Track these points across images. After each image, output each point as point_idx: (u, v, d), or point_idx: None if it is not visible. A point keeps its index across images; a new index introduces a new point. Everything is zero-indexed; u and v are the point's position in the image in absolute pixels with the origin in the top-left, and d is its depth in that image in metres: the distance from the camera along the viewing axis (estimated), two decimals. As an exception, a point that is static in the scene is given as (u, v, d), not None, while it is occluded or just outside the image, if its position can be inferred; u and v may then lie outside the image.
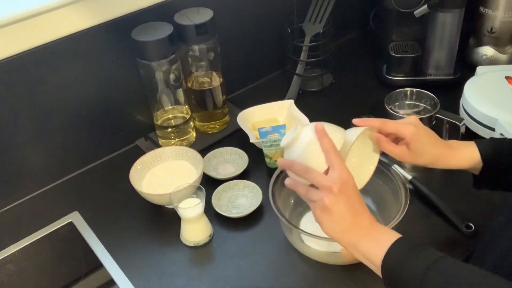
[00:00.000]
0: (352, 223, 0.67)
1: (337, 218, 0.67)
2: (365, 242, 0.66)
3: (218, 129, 1.16)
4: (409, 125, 0.76)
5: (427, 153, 0.76)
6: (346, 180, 0.67)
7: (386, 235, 0.67)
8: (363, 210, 0.68)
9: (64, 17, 0.94)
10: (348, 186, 0.67)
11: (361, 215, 0.68)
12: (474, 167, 0.77)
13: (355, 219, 0.67)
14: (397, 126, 0.76)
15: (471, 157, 0.77)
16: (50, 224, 0.96)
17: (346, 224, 0.67)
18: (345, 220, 0.67)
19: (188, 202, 0.89)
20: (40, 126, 0.99)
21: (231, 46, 1.19)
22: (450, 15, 1.15)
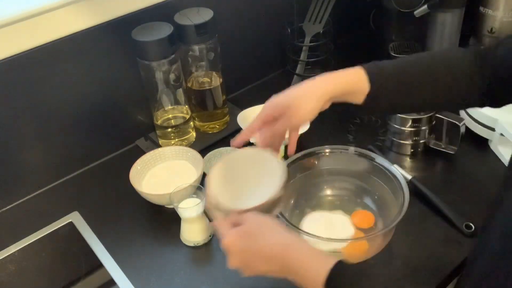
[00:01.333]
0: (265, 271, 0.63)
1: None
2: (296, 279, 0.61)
3: (218, 129, 1.16)
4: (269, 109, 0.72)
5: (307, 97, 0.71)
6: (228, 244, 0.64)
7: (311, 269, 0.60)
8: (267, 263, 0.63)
9: (64, 17, 0.94)
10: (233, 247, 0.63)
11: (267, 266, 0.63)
12: (360, 89, 0.73)
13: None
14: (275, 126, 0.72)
15: (357, 76, 0.73)
16: (50, 224, 0.96)
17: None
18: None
19: (188, 202, 0.89)
20: (40, 126, 0.99)
21: (231, 46, 1.19)
22: (450, 15, 1.15)
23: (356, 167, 0.93)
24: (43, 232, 0.95)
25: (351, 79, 0.74)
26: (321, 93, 0.72)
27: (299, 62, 1.25)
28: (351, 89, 0.73)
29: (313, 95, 0.72)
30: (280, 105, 0.72)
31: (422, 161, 1.04)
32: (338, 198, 0.96)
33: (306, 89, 0.73)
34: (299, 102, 0.71)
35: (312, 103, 0.71)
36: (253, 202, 0.69)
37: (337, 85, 0.73)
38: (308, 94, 0.72)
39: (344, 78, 0.74)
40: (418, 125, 1.01)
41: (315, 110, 0.72)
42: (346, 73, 0.74)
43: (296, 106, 0.71)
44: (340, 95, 0.74)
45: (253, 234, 0.62)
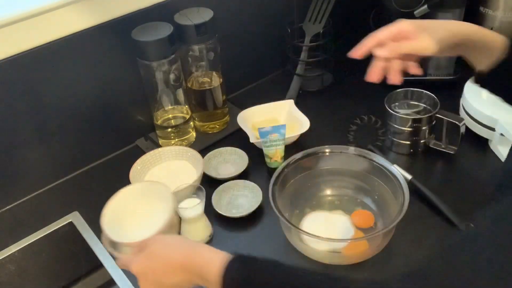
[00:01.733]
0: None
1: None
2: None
3: (218, 129, 1.16)
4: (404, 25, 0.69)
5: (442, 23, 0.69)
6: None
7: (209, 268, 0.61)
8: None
9: (64, 17, 0.94)
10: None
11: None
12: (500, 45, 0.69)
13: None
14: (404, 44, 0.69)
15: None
16: (50, 224, 0.96)
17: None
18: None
19: (188, 202, 0.89)
20: (40, 126, 0.99)
21: (231, 46, 1.19)
22: (450, 15, 1.15)
23: (356, 167, 0.93)
24: (43, 232, 0.95)
25: (488, 34, 0.70)
26: (453, 25, 0.70)
27: (299, 62, 1.25)
28: (488, 35, 0.69)
29: (445, 25, 0.70)
30: (415, 25, 0.69)
31: (422, 161, 1.04)
32: (338, 198, 0.96)
33: (440, 21, 0.71)
34: (433, 28, 0.69)
35: (439, 36, 0.68)
36: (149, 231, 0.75)
37: (473, 26, 0.70)
38: (441, 23, 0.70)
39: (484, 32, 0.70)
40: (418, 125, 1.01)
41: (441, 45, 0.68)
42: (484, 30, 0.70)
43: (430, 30, 0.68)
44: (475, 35, 0.70)
45: (156, 254, 0.65)
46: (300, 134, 1.06)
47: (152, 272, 0.65)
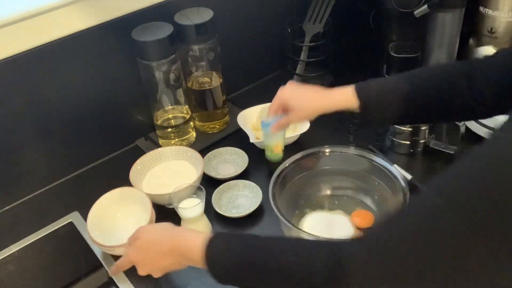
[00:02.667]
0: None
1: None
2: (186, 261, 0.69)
3: (218, 129, 1.16)
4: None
5: (306, 106, 0.86)
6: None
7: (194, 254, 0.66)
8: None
9: (64, 17, 0.94)
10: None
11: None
12: (351, 105, 0.81)
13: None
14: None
15: (346, 95, 0.81)
16: (50, 224, 0.96)
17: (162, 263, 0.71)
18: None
19: (188, 202, 0.89)
20: (40, 126, 0.99)
21: (231, 46, 1.19)
22: (450, 15, 1.15)
23: (356, 167, 0.93)
24: (43, 232, 0.95)
25: (340, 98, 0.83)
26: (311, 110, 0.86)
27: (299, 62, 1.25)
28: (341, 107, 0.83)
29: (306, 109, 0.86)
30: (285, 104, 0.88)
31: (422, 161, 1.04)
32: (338, 198, 0.96)
33: (302, 102, 0.87)
34: (296, 110, 0.86)
35: (305, 115, 0.87)
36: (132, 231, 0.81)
37: (327, 104, 0.84)
38: (302, 107, 0.86)
39: (334, 97, 0.84)
40: (418, 125, 1.01)
41: (309, 118, 0.89)
42: (336, 93, 0.84)
43: (295, 111, 0.87)
44: (332, 111, 0.84)
45: (147, 242, 0.72)
46: (300, 134, 1.06)
47: (146, 259, 0.72)
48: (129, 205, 0.92)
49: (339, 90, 0.83)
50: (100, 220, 0.89)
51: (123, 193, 0.92)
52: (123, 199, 0.92)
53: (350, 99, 0.81)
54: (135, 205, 0.92)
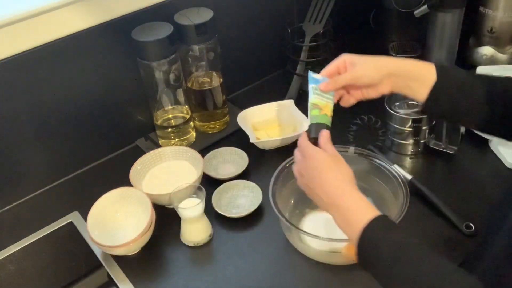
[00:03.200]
0: (320, 191, 0.71)
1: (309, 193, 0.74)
2: (338, 218, 0.69)
3: (218, 129, 1.16)
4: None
5: (372, 60, 0.79)
6: (309, 156, 0.73)
7: (357, 213, 0.67)
8: (329, 183, 0.70)
9: (64, 17, 0.94)
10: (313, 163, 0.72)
11: (327, 185, 0.70)
12: (423, 76, 0.77)
13: (321, 188, 0.71)
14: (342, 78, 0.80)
15: (423, 63, 0.77)
16: (50, 224, 0.96)
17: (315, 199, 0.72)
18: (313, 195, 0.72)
19: (188, 202, 0.89)
20: (40, 126, 0.99)
21: (231, 46, 1.19)
22: (450, 15, 1.15)
23: (356, 167, 0.93)
24: (43, 232, 0.95)
25: (417, 63, 0.77)
26: (379, 65, 0.78)
27: (299, 62, 1.24)
28: (415, 72, 0.77)
29: (373, 63, 0.78)
30: (347, 62, 0.81)
31: (422, 161, 1.04)
32: (338, 198, 0.95)
33: (367, 58, 0.79)
34: (361, 63, 0.79)
35: (371, 69, 0.78)
36: (132, 231, 0.85)
37: (401, 63, 0.78)
38: (368, 61, 0.79)
39: (410, 61, 0.78)
40: (418, 125, 1.01)
41: (375, 77, 0.78)
42: (412, 59, 0.78)
43: (359, 64, 0.79)
44: (402, 74, 0.77)
45: (328, 165, 0.72)
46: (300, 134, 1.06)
47: (309, 182, 0.73)
48: (129, 205, 0.92)
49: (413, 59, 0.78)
50: (100, 220, 0.89)
51: (123, 193, 0.92)
52: (123, 199, 0.92)
53: (426, 67, 0.76)
54: (135, 205, 0.92)
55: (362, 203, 0.68)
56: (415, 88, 0.77)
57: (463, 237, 0.87)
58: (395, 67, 0.78)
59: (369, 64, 0.78)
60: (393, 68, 0.77)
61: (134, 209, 0.92)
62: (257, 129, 1.12)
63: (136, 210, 0.92)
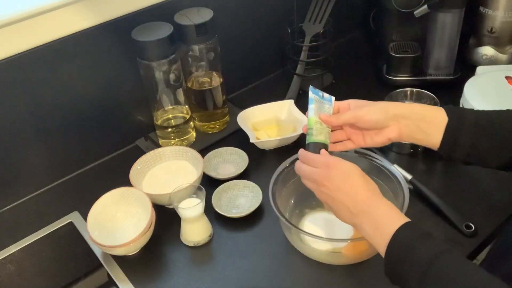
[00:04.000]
0: (347, 200, 0.69)
1: (333, 203, 0.71)
2: (367, 226, 0.67)
3: (218, 129, 1.16)
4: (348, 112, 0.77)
5: (375, 104, 0.75)
6: (333, 165, 0.70)
7: (387, 219, 0.66)
8: (357, 191, 0.68)
9: (64, 17, 0.94)
10: (334, 170, 0.70)
11: (355, 194, 0.68)
12: (433, 120, 0.73)
13: (348, 197, 0.68)
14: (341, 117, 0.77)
15: (431, 107, 0.74)
16: (50, 224, 0.96)
17: (340, 209, 0.70)
18: (339, 195, 0.69)
19: (188, 202, 0.89)
20: (40, 126, 0.99)
21: (231, 46, 1.19)
22: (450, 15, 1.15)
23: (356, 167, 0.93)
24: (43, 232, 0.95)
25: (426, 106, 0.75)
26: (389, 104, 0.75)
27: (299, 62, 1.25)
28: (424, 115, 0.73)
29: (380, 103, 0.76)
30: (352, 105, 0.78)
31: (422, 161, 1.04)
32: (338, 198, 0.95)
33: (378, 102, 0.77)
34: (367, 106, 0.76)
35: (376, 114, 0.74)
36: (132, 232, 0.86)
37: (410, 105, 0.75)
38: (376, 103, 0.76)
39: (419, 104, 0.77)
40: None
41: (378, 118, 0.74)
42: (418, 104, 0.77)
43: (365, 108, 0.76)
44: (412, 117, 0.73)
45: (350, 172, 0.70)
46: (300, 134, 1.06)
47: (333, 192, 0.69)
48: (129, 205, 0.92)
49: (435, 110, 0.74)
50: (100, 220, 0.89)
51: (123, 193, 0.92)
52: (123, 199, 0.92)
53: (436, 111, 0.72)
54: (135, 205, 0.92)
55: (393, 211, 0.67)
56: (427, 131, 0.73)
57: (463, 237, 0.87)
58: (404, 109, 0.74)
59: (374, 106, 0.75)
60: (401, 110, 0.74)
61: (134, 209, 0.92)
62: (257, 129, 1.12)
63: (136, 210, 0.92)
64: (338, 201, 0.69)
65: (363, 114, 0.74)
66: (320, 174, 0.71)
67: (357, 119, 0.75)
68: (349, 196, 0.68)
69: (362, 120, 0.75)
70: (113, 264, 0.87)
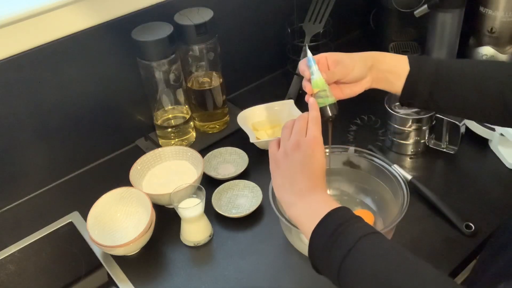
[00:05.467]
0: (290, 183, 0.68)
1: (281, 174, 0.70)
2: (299, 208, 0.66)
3: (218, 129, 1.16)
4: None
5: (356, 64, 0.77)
6: (305, 145, 0.69)
7: (320, 205, 0.64)
8: (306, 178, 0.67)
9: (64, 17, 0.94)
10: (303, 151, 0.68)
11: (301, 180, 0.67)
12: (399, 70, 0.77)
13: (293, 181, 0.67)
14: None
15: (398, 57, 0.78)
16: (50, 224, 0.96)
17: (285, 183, 0.68)
18: (285, 178, 0.69)
19: (188, 202, 0.89)
20: (40, 126, 0.99)
21: (231, 46, 1.19)
22: (450, 15, 1.15)
23: (356, 167, 0.93)
24: (43, 232, 0.95)
25: (392, 56, 0.79)
26: (365, 56, 0.78)
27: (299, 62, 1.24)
28: (391, 65, 0.78)
29: (357, 56, 0.78)
30: (329, 59, 0.78)
31: (422, 161, 1.04)
32: (338, 198, 0.96)
33: (353, 53, 0.79)
34: (349, 59, 0.77)
35: (360, 68, 0.77)
36: (132, 232, 0.85)
37: (380, 56, 0.78)
38: (354, 56, 0.78)
39: (386, 53, 0.79)
40: (418, 125, 1.01)
41: (362, 70, 0.77)
42: (387, 53, 0.79)
43: (348, 61, 0.77)
44: (382, 66, 0.78)
45: (302, 161, 0.68)
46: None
47: (282, 171, 0.70)
48: (129, 205, 0.92)
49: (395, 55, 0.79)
50: (100, 220, 0.89)
51: (123, 193, 0.92)
52: (123, 199, 0.92)
53: (400, 62, 0.77)
54: (135, 205, 0.92)
55: (331, 201, 0.66)
56: (392, 80, 0.78)
57: (463, 237, 0.87)
58: (375, 59, 0.78)
59: (355, 58, 0.77)
60: (376, 61, 0.78)
61: (134, 209, 0.92)
62: (257, 129, 1.12)
63: (136, 210, 0.92)
64: (286, 172, 0.69)
65: (350, 70, 0.76)
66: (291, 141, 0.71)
67: (345, 75, 0.77)
68: (300, 174, 0.67)
69: (350, 76, 0.77)
70: (113, 264, 0.87)
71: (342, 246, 0.58)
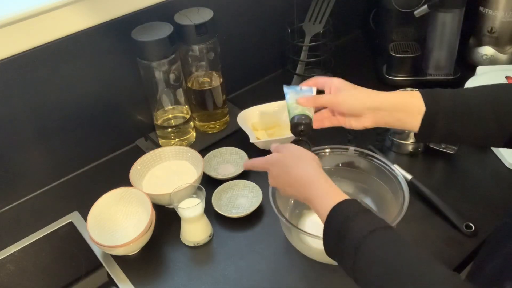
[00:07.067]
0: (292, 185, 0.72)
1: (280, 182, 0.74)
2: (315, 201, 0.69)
3: (218, 129, 1.16)
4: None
5: (351, 91, 0.76)
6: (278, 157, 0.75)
7: (325, 199, 0.67)
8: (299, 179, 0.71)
9: (64, 17, 0.94)
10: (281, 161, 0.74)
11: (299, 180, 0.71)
12: (411, 109, 0.74)
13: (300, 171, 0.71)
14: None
15: (409, 94, 0.75)
16: (50, 224, 0.96)
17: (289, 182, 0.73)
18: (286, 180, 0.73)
19: (188, 202, 0.89)
20: (40, 126, 0.99)
21: (231, 46, 1.19)
22: (450, 15, 1.15)
23: (356, 167, 0.93)
24: (43, 232, 0.95)
25: (402, 94, 0.75)
26: (362, 97, 0.76)
27: (299, 62, 1.25)
28: (402, 103, 0.74)
29: (349, 92, 0.77)
30: (334, 86, 0.78)
31: (422, 161, 1.04)
32: (338, 198, 0.95)
33: (358, 88, 0.77)
34: (346, 92, 0.77)
35: (351, 104, 0.76)
36: (133, 231, 0.86)
37: (387, 97, 0.75)
38: (354, 91, 0.77)
39: (396, 93, 0.76)
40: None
41: (355, 107, 0.76)
42: (397, 91, 0.77)
43: (344, 93, 0.77)
44: (389, 108, 0.74)
45: (287, 164, 0.73)
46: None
47: (278, 178, 0.74)
48: (129, 205, 0.92)
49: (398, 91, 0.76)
50: (100, 220, 0.89)
51: (123, 193, 0.92)
52: (123, 199, 0.92)
53: (413, 99, 0.73)
54: (135, 205, 0.92)
55: (330, 189, 0.68)
56: (403, 120, 0.74)
57: (463, 237, 0.87)
58: (380, 102, 0.75)
59: (352, 93, 0.76)
60: (378, 103, 0.75)
61: (134, 209, 0.92)
62: (257, 129, 1.12)
63: (136, 210, 0.92)
64: (290, 194, 0.74)
65: (340, 101, 0.76)
66: (270, 178, 0.76)
67: (333, 105, 0.77)
68: (292, 188, 0.72)
69: (338, 107, 0.77)
70: (113, 264, 0.87)
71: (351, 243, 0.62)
